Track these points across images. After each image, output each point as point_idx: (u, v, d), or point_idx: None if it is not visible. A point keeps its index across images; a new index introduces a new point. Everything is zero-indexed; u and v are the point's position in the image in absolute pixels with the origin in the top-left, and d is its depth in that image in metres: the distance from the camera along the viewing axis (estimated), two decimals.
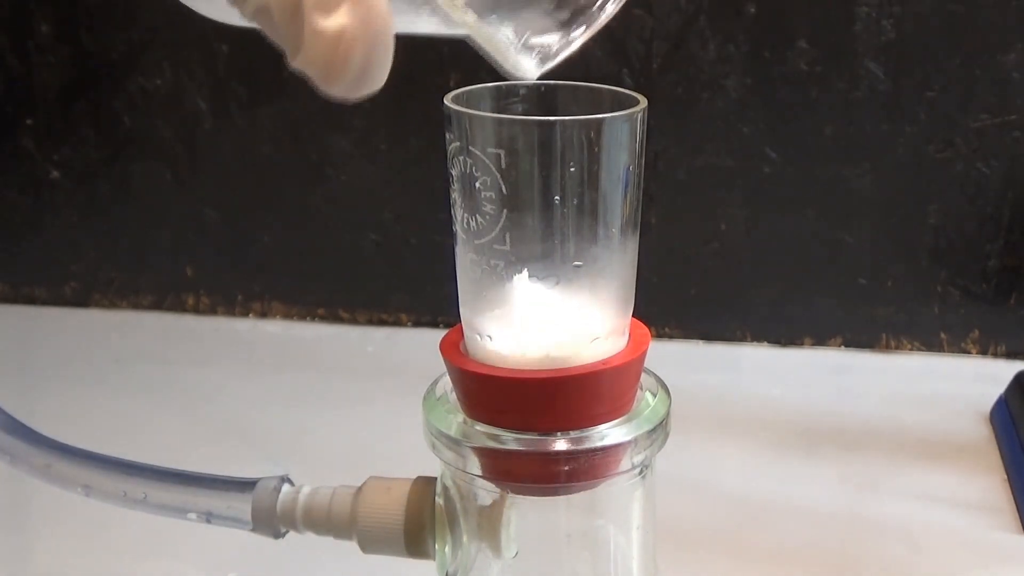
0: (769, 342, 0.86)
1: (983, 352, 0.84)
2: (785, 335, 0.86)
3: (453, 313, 0.30)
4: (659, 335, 0.87)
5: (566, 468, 0.29)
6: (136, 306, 0.94)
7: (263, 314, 0.93)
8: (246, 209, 0.90)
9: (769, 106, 0.80)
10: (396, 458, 0.46)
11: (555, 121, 0.27)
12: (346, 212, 0.88)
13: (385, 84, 0.27)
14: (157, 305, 0.94)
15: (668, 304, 0.86)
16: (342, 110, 0.85)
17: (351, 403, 0.77)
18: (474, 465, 0.29)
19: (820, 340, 0.86)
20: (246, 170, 0.89)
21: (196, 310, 0.93)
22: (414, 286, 0.89)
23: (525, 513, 0.31)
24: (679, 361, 0.84)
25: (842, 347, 0.85)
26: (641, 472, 0.31)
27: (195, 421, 0.75)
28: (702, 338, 0.87)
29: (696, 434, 0.71)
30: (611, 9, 0.30)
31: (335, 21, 0.23)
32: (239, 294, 0.92)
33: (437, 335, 0.31)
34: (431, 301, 0.88)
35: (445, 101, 0.28)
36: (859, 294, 0.84)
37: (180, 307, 0.93)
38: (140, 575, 0.58)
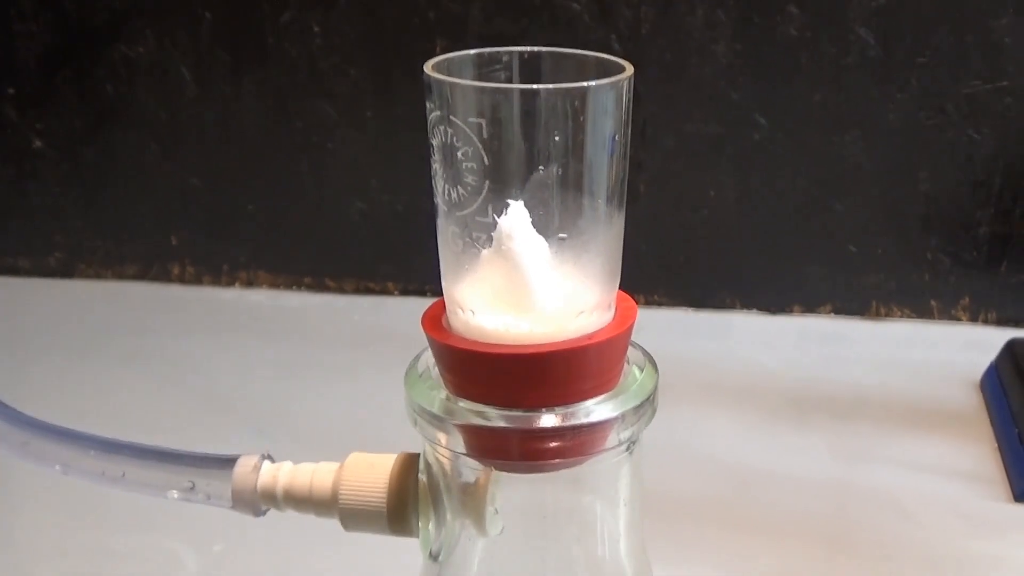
0: (759, 309, 0.86)
1: (973, 319, 0.84)
2: (775, 302, 0.86)
3: (440, 282, 0.30)
4: (648, 303, 0.87)
5: (552, 445, 0.28)
6: (121, 276, 0.93)
7: (249, 283, 0.92)
8: (231, 178, 0.89)
9: (759, 72, 0.79)
10: (382, 429, 0.46)
11: (538, 89, 0.26)
12: (332, 180, 0.88)
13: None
14: (142, 275, 0.93)
15: (657, 272, 0.86)
16: (327, 77, 0.84)
17: (338, 373, 0.77)
18: (457, 442, 0.29)
19: (810, 307, 0.85)
20: (231, 138, 0.88)
21: (181, 280, 0.93)
22: (401, 255, 0.89)
23: (510, 490, 0.30)
24: (668, 329, 0.83)
25: (832, 314, 0.85)
26: (628, 448, 0.30)
27: (180, 392, 0.74)
28: (691, 306, 0.87)
29: (685, 402, 0.71)
30: None
31: None
32: (225, 263, 0.92)
33: (424, 303, 0.30)
34: (418, 270, 0.88)
35: (425, 69, 0.28)
36: (849, 261, 0.83)
37: (165, 277, 0.93)
38: (126, 549, 0.58)
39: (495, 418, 0.28)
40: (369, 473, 0.32)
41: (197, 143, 0.89)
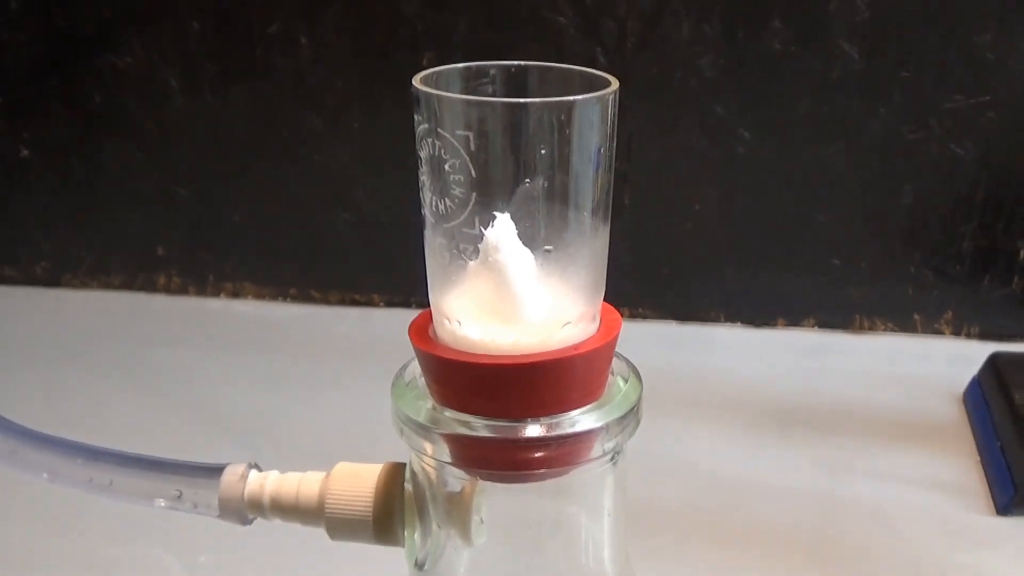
0: (743, 322, 0.86)
1: (956, 333, 0.84)
2: (759, 315, 0.86)
3: (426, 294, 0.30)
4: (633, 315, 0.87)
5: (537, 455, 0.28)
6: (107, 286, 0.93)
7: (235, 294, 0.92)
8: (218, 188, 0.89)
9: (743, 86, 0.80)
10: (368, 440, 0.46)
11: (525, 103, 0.27)
12: (318, 191, 0.88)
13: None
14: (128, 285, 0.93)
15: (642, 284, 0.86)
16: (314, 88, 0.84)
17: (323, 384, 0.77)
18: (443, 452, 0.29)
19: (794, 321, 0.86)
20: (217, 148, 0.88)
21: (168, 290, 0.93)
22: (387, 266, 0.89)
23: (495, 500, 0.30)
24: (653, 341, 0.84)
25: (816, 328, 0.85)
26: (612, 459, 0.30)
27: (166, 402, 0.74)
28: (676, 318, 0.87)
29: (669, 414, 0.71)
30: None
31: None
32: (211, 274, 0.92)
33: (410, 315, 0.30)
34: (404, 281, 0.88)
35: (414, 82, 0.28)
36: (833, 275, 0.84)
37: (151, 287, 0.93)
38: (112, 558, 0.58)
39: (480, 428, 0.28)
40: (355, 482, 0.32)
41: (184, 153, 0.89)
